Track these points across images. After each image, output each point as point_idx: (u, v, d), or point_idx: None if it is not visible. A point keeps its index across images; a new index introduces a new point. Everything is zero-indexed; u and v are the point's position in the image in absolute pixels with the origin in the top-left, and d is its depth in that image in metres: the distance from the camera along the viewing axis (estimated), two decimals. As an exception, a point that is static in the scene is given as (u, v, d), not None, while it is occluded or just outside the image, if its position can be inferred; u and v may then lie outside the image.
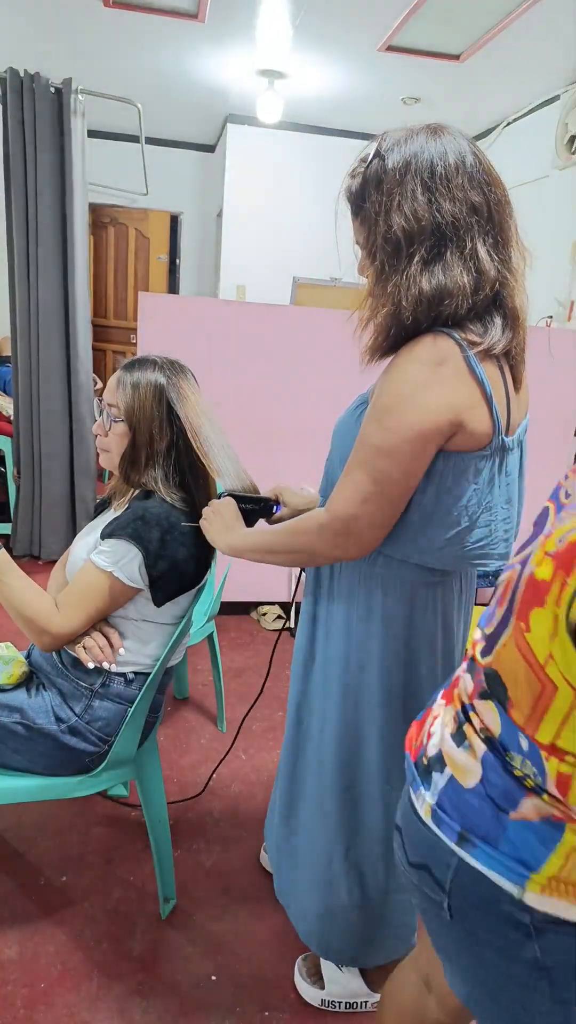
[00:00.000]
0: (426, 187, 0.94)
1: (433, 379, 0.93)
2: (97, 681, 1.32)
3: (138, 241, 5.45)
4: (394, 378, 0.95)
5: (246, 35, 3.26)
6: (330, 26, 3.08)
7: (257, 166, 4.64)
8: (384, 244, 0.96)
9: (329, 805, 1.24)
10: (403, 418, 0.93)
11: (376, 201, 0.97)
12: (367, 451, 0.96)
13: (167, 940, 1.47)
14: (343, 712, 1.19)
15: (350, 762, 1.21)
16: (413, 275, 0.94)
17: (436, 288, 0.93)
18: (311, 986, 1.37)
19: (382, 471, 0.95)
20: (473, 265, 0.94)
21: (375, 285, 0.99)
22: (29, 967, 1.38)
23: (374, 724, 1.17)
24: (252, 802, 1.92)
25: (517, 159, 3.93)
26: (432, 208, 0.93)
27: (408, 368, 0.94)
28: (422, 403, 0.93)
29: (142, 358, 1.31)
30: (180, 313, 2.68)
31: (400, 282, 0.95)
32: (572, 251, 3.33)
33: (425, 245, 0.94)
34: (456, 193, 0.94)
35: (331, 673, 1.20)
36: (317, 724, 1.25)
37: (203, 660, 2.53)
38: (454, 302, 0.93)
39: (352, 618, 1.14)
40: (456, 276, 0.93)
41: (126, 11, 3.06)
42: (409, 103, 3.98)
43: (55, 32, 3.39)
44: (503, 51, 3.13)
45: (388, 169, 0.96)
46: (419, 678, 1.15)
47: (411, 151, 0.95)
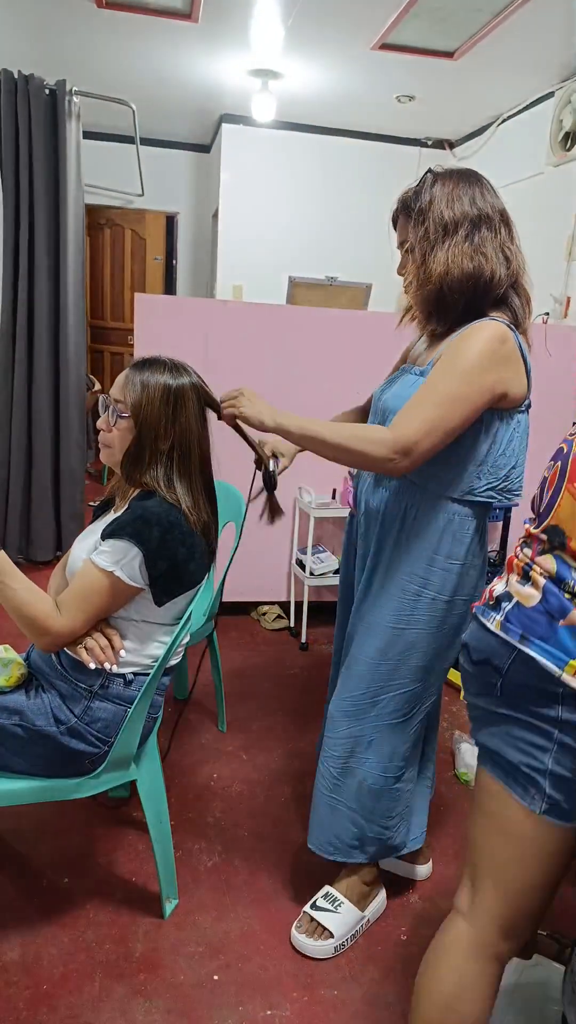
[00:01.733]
0: (468, 190, 1.25)
1: (496, 353, 1.21)
2: (96, 682, 1.32)
3: (134, 242, 5.45)
4: (467, 346, 1.21)
5: (239, 35, 3.25)
6: (323, 25, 3.07)
7: (252, 165, 4.63)
8: (435, 228, 1.23)
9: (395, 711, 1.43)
10: (473, 377, 1.20)
11: (430, 197, 1.25)
12: (440, 395, 1.20)
13: (169, 940, 1.47)
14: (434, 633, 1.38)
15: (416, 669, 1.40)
16: (456, 254, 1.22)
17: (477, 266, 1.22)
18: (317, 942, 1.46)
19: (450, 412, 1.20)
20: (502, 252, 1.25)
21: (423, 264, 1.25)
22: (31, 969, 1.38)
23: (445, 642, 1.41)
24: (253, 802, 1.92)
25: (512, 156, 3.93)
26: (473, 204, 1.24)
27: (478, 341, 1.21)
28: (489, 369, 1.21)
29: (152, 358, 1.32)
30: (176, 313, 2.68)
31: (446, 259, 1.22)
32: (567, 248, 3.34)
33: (465, 230, 1.23)
34: (488, 198, 1.26)
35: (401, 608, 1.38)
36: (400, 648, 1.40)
37: (203, 660, 2.52)
38: (489, 282, 1.23)
39: (430, 558, 1.35)
40: (491, 258, 1.23)
41: (119, 12, 3.06)
42: (404, 101, 3.98)
43: (49, 33, 3.39)
44: (496, 49, 3.12)
45: (440, 175, 1.27)
46: (477, 588, 1.39)
47: (456, 168, 1.28)
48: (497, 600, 0.99)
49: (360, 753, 1.46)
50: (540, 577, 0.93)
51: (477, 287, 1.23)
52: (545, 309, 3.40)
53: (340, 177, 4.69)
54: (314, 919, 1.49)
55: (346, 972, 1.44)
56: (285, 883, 1.65)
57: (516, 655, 0.92)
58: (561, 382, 3.01)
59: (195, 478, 1.33)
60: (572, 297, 3.30)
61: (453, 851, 1.80)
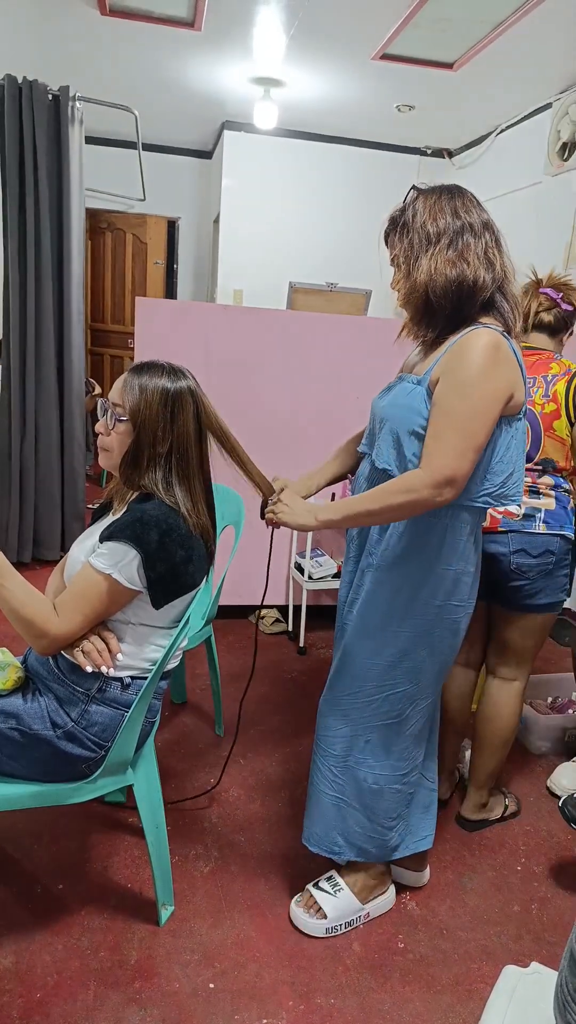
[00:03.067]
0: (451, 203, 1.28)
1: (497, 359, 1.23)
2: (94, 686, 1.31)
3: (135, 246, 5.46)
4: (468, 360, 1.23)
5: (242, 43, 3.28)
6: (325, 35, 3.10)
7: (253, 172, 4.66)
8: (419, 239, 1.27)
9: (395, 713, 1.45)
10: (484, 388, 1.22)
11: (414, 211, 1.29)
12: (459, 418, 1.22)
13: (165, 948, 1.46)
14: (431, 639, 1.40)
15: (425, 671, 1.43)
16: (439, 262, 1.25)
17: (459, 272, 1.25)
18: (311, 919, 1.51)
19: (473, 431, 1.22)
20: (485, 258, 1.27)
21: (408, 275, 1.30)
22: (25, 977, 1.37)
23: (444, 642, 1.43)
24: (250, 807, 1.91)
25: (510, 166, 3.95)
26: (455, 216, 1.27)
27: (477, 353, 1.23)
28: (495, 377, 1.23)
29: (150, 362, 1.32)
30: (176, 317, 2.69)
31: (430, 267, 1.26)
32: (565, 255, 3.35)
33: (448, 238, 1.26)
34: (472, 209, 1.29)
35: (400, 609, 1.39)
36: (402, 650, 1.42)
37: (201, 664, 2.52)
38: (472, 287, 1.25)
39: (423, 561, 1.36)
40: (473, 263, 1.25)
41: (123, 19, 3.08)
42: (404, 110, 4.00)
43: (53, 40, 3.40)
44: (495, 60, 3.15)
45: (424, 191, 1.31)
46: (466, 596, 1.41)
47: (440, 184, 1.32)
48: (525, 516, 1.65)
49: (357, 752, 1.47)
50: (547, 490, 1.68)
51: (462, 292, 1.26)
52: (544, 317, 3.41)
53: (340, 184, 4.71)
54: (313, 896, 1.54)
55: (342, 980, 1.43)
56: (282, 890, 1.64)
57: (561, 538, 1.67)
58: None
59: (194, 481, 1.33)
60: (571, 305, 3.31)
61: (451, 856, 1.79)
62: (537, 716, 2.26)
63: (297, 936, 1.52)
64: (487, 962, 1.49)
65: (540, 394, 1.69)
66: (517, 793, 2.07)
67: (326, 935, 1.52)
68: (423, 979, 1.45)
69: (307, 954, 1.48)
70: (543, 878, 1.75)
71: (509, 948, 1.53)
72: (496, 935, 1.57)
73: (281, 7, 2.87)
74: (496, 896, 1.68)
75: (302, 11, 2.88)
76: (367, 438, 1.48)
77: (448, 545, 1.35)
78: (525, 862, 1.80)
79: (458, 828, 1.90)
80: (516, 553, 1.65)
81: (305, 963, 1.46)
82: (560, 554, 1.67)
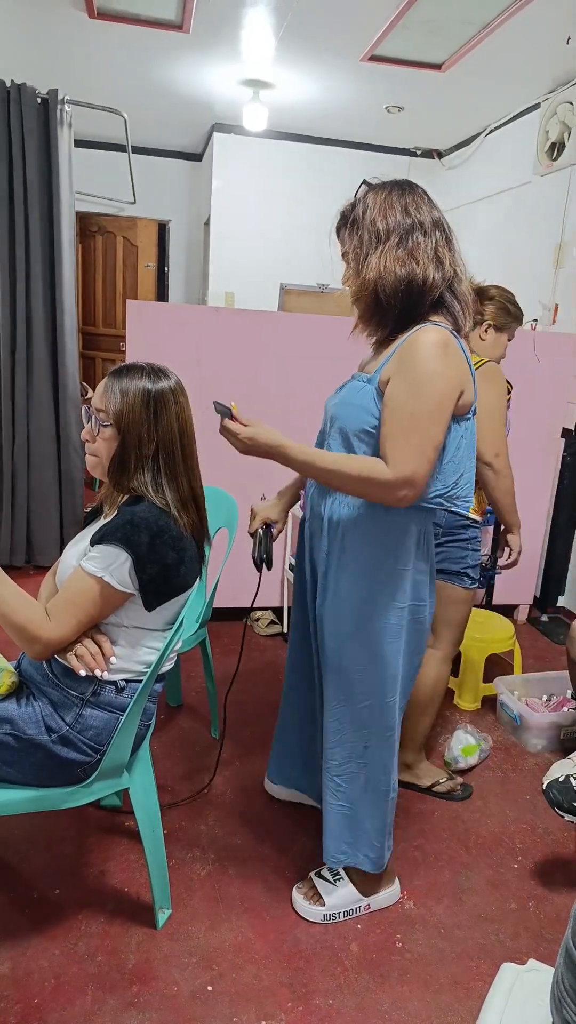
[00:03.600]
0: (401, 200, 1.27)
1: (447, 357, 1.23)
2: (88, 690, 1.31)
3: (126, 249, 5.45)
4: (419, 360, 1.22)
5: (231, 46, 3.28)
6: (314, 37, 3.10)
7: (244, 174, 4.66)
8: (369, 237, 1.26)
9: (375, 718, 1.46)
10: (437, 386, 1.22)
11: (364, 207, 1.28)
12: (415, 418, 1.21)
13: (162, 951, 1.46)
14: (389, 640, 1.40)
15: (385, 680, 1.43)
16: (388, 260, 1.25)
17: (409, 271, 1.25)
18: (312, 905, 1.55)
19: (429, 431, 1.21)
20: (435, 256, 1.26)
21: (358, 272, 1.29)
22: (22, 983, 1.37)
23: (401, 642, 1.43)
24: (247, 809, 1.91)
25: (500, 166, 3.97)
26: (406, 213, 1.26)
27: (427, 351, 1.22)
28: (446, 375, 1.22)
29: (129, 365, 1.32)
30: (167, 320, 2.69)
31: (379, 265, 1.25)
32: (555, 255, 3.37)
33: (397, 236, 1.25)
34: (423, 207, 1.28)
35: (347, 613, 1.39)
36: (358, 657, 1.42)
37: (197, 667, 2.51)
38: (422, 286, 1.25)
39: (373, 561, 1.36)
40: (422, 262, 1.25)
41: (111, 22, 3.07)
42: (393, 111, 4.01)
43: (41, 43, 3.40)
44: (484, 61, 3.16)
45: (374, 186, 1.30)
46: (426, 595, 1.44)
47: (391, 180, 1.31)
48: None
49: (358, 758, 1.49)
50: None
51: (411, 291, 1.26)
52: (534, 316, 3.42)
53: (330, 185, 4.71)
54: (314, 885, 1.58)
55: (340, 980, 1.43)
56: (280, 892, 1.64)
57: (449, 512, 1.62)
58: (551, 387, 3.03)
59: (182, 480, 1.33)
60: (560, 304, 3.33)
61: (448, 855, 1.80)
62: (532, 714, 2.27)
63: (295, 937, 1.52)
64: (485, 960, 1.50)
65: None
66: (514, 791, 2.07)
67: (323, 921, 1.54)
68: (421, 978, 1.45)
69: (305, 955, 1.48)
70: (540, 875, 1.75)
71: (507, 946, 1.53)
72: (494, 933, 1.57)
73: (269, 9, 2.87)
74: (493, 894, 1.69)
75: (290, 13, 2.88)
76: (318, 437, 1.49)
77: (403, 547, 1.35)
78: (522, 860, 1.80)
79: (454, 828, 1.90)
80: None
81: (303, 964, 1.46)
82: (445, 526, 1.83)
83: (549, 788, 1.70)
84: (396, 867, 1.75)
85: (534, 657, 2.96)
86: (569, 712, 2.32)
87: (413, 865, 1.76)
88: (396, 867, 1.75)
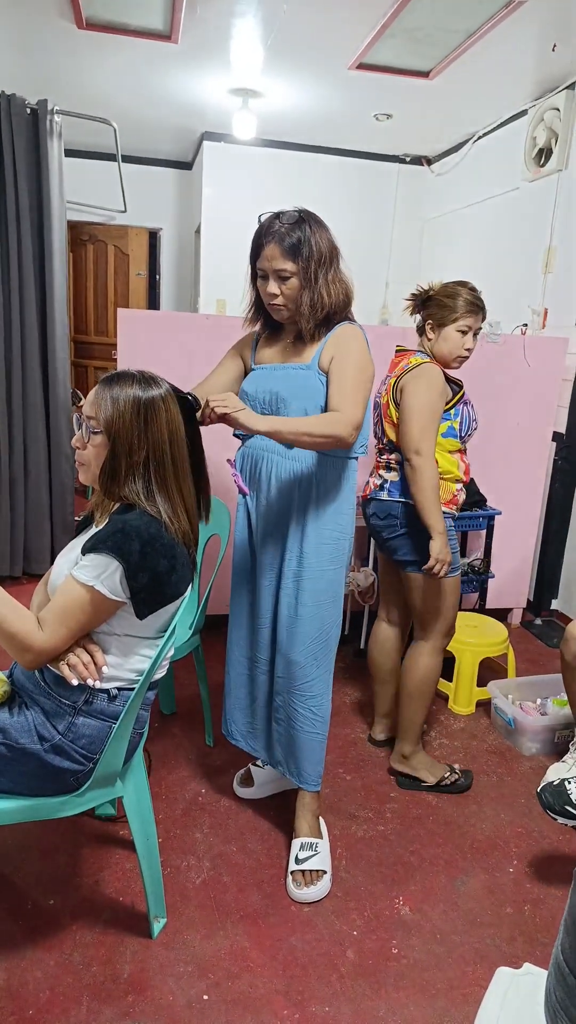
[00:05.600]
0: (325, 231, 1.64)
1: (366, 345, 1.66)
2: (80, 698, 1.31)
3: (117, 257, 5.46)
4: (355, 346, 1.63)
5: (219, 55, 3.30)
6: (302, 46, 3.12)
7: (233, 182, 4.68)
8: (317, 263, 1.59)
9: (324, 650, 1.73)
10: (368, 362, 1.65)
11: (306, 235, 1.59)
12: (358, 380, 1.60)
13: (157, 960, 1.45)
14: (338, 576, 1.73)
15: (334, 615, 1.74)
16: (338, 282, 1.64)
17: (347, 288, 1.66)
18: (315, 886, 1.64)
19: (367, 389, 1.62)
20: (348, 275, 1.67)
21: (314, 292, 1.61)
22: (17, 993, 1.36)
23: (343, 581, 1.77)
24: (241, 817, 1.90)
25: (488, 172, 4.00)
26: (329, 242, 1.63)
27: (360, 343, 1.64)
28: (369, 359, 1.66)
29: (120, 372, 1.32)
30: (158, 328, 2.69)
31: (336, 288, 1.63)
32: (544, 260, 3.39)
33: (336, 261, 1.64)
34: (331, 234, 1.65)
35: (324, 553, 1.68)
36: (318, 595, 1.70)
37: (190, 674, 2.51)
38: (351, 299, 1.68)
39: (336, 504, 1.69)
40: (349, 280, 1.67)
41: (100, 32, 3.09)
42: (381, 119, 4.04)
43: (30, 53, 3.41)
44: (471, 68, 3.19)
45: (307, 217, 1.63)
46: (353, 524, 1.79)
47: (308, 211, 1.66)
48: (379, 487, 2.05)
49: (323, 685, 1.73)
50: (396, 464, 2.01)
51: (348, 303, 1.67)
52: (523, 321, 3.45)
53: (320, 193, 4.74)
54: (305, 871, 1.67)
55: (336, 987, 1.43)
56: (275, 899, 1.64)
57: (403, 504, 1.99)
58: (541, 390, 3.05)
59: (172, 488, 1.33)
60: (549, 309, 3.35)
61: (443, 860, 1.80)
62: (526, 718, 2.27)
63: (291, 945, 1.52)
64: (481, 965, 1.50)
65: (384, 389, 2.05)
66: (508, 794, 2.08)
67: (330, 884, 1.67)
68: (417, 984, 1.45)
69: (301, 963, 1.48)
70: (535, 879, 1.76)
71: (503, 950, 1.53)
72: (490, 937, 1.57)
73: (257, 19, 2.89)
74: (489, 898, 1.69)
75: (278, 23, 2.91)
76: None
77: (349, 490, 1.71)
78: (517, 864, 1.80)
79: (449, 832, 1.91)
80: (372, 516, 2.08)
81: (299, 972, 1.45)
82: (402, 517, 2.00)
83: (542, 791, 1.70)
84: (392, 872, 1.75)
85: (528, 661, 2.97)
86: (558, 712, 2.32)
87: (409, 870, 1.76)
88: (392, 872, 1.75)
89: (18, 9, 2.92)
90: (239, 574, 1.81)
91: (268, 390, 1.66)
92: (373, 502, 2.07)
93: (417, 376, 1.93)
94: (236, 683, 1.87)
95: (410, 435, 1.89)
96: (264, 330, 1.77)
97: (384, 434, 2.04)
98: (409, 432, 1.89)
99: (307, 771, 1.75)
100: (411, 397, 1.91)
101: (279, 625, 1.72)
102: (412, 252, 4.93)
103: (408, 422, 1.90)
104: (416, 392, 1.91)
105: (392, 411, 1.99)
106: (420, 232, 4.90)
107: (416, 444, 1.88)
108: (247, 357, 1.79)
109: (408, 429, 1.90)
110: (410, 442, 1.89)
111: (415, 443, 1.88)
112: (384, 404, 2.02)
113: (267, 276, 1.61)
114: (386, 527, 2.02)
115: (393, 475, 2.02)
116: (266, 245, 1.60)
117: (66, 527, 3.47)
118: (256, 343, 1.78)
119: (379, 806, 1.99)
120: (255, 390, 1.69)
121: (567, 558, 3.33)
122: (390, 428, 2.01)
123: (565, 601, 3.37)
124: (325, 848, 1.73)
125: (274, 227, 1.59)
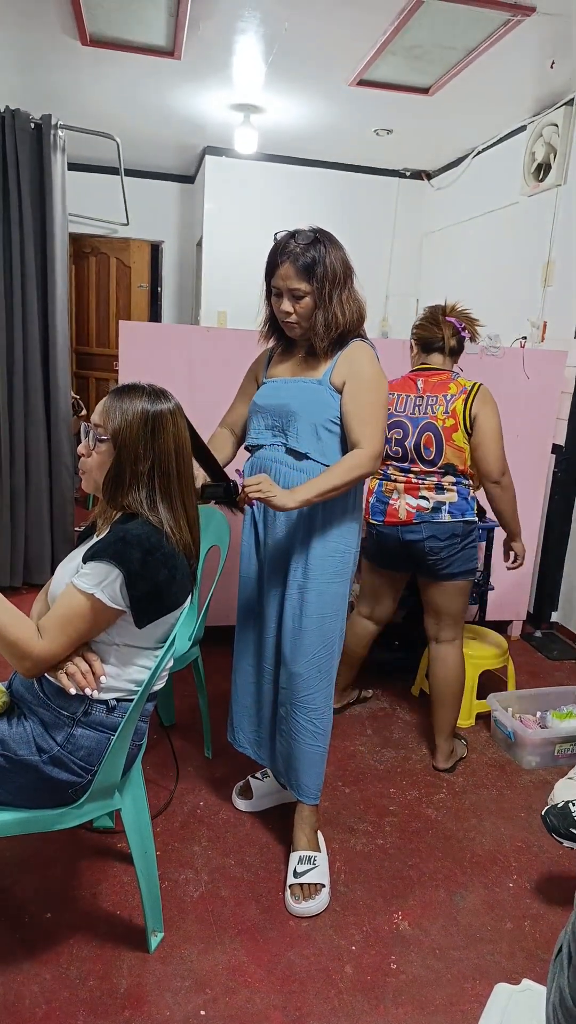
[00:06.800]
0: (339, 251, 1.63)
1: (379, 365, 1.67)
2: (79, 709, 1.31)
3: (120, 270, 5.50)
4: (368, 366, 1.64)
5: (222, 71, 3.34)
6: (303, 62, 3.16)
7: (235, 196, 4.72)
8: (331, 283, 1.60)
9: (329, 663, 1.73)
10: (383, 384, 1.66)
11: (321, 255, 1.59)
12: (375, 407, 1.62)
13: (155, 975, 1.44)
14: (343, 590, 1.73)
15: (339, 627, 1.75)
16: (353, 301, 1.64)
17: (360, 307, 1.67)
18: (315, 900, 1.64)
19: (384, 416, 1.65)
20: (361, 293, 1.67)
21: (328, 312, 1.62)
22: (12, 1008, 1.35)
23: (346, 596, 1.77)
24: (240, 830, 1.89)
25: (487, 187, 4.04)
26: (344, 262, 1.63)
27: (373, 362, 1.66)
28: (384, 377, 1.67)
29: (131, 385, 1.34)
30: (160, 340, 2.71)
31: (350, 307, 1.64)
32: (543, 274, 3.42)
33: (350, 281, 1.64)
34: (345, 254, 1.64)
35: (327, 567, 1.69)
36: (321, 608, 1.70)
37: (189, 686, 2.50)
38: (364, 317, 1.69)
39: (343, 517, 1.70)
40: (362, 300, 1.67)
41: (103, 49, 3.13)
42: (381, 134, 4.08)
43: (35, 70, 3.45)
44: (470, 85, 3.23)
45: (323, 238, 1.62)
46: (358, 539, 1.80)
47: (325, 231, 1.64)
48: (434, 509, 2.08)
49: (324, 698, 1.72)
50: (451, 486, 2.08)
51: (361, 321, 1.68)
52: (523, 334, 3.47)
53: (321, 207, 4.78)
54: (304, 884, 1.66)
55: (334, 1003, 1.41)
56: (273, 913, 1.63)
57: (464, 523, 2.09)
58: (540, 403, 3.06)
59: (176, 499, 1.34)
60: (548, 322, 3.37)
61: (443, 875, 1.79)
62: (526, 731, 2.26)
63: (289, 960, 1.51)
64: (480, 981, 1.48)
65: (441, 411, 2.07)
66: (508, 808, 2.07)
67: (328, 897, 1.66)
68: (416, 1000, 1.43)
69: (299, 978, 1.46)
70: (535, 894, 1.74)
71: (502, 966, 1.52)
72: (489, 953, 1.56)
73: (259, 36, 2.93)
74: (488, 914, 1.67)
75: (279, 40, 2.95)
76: (266, 430, 1.72)
77: (355, 501, 1.72)
78: (517, 879, 1.79)
79: (449, 846, 1.89)
80: (428, 539, 2.09)
81: (297, 987, 1.44)
82: (463, 535, 2.10)
83: (547, 814, 1.68)
84: (391, 887, 1.74)
85: (528, 673, 2.96)
86: (562, 728, 2.31)
87: (408, 884, 1.75)
88: (391, 887, 1.74)
89: (23, 26, 2.96)
90: (246, 583, 1.81)
91: (278, 403, 1.69)
92: (427, 524, 2.09)
93: (485, 401, 2.06)
94: (243, 691, 1.87)
95: (496, 457, 2.06)
96: (278, 345, 1.80)
97: (441, 456, 2.08)
98: (495, 455, 2.05)
99: (307, 784, 1.74)
100: (487, 421, 2.04)
101: (283, 637, 1.72)
102: (412, 265, 4.97)
103: (489, 446, 2.04)
104: (490, 416, 2.05)
105: (459, 438, 2.05)
106: (420, 246, 4.94)
107: (503, 466, 2.07)
108: (260, 377, 1.81)
109: (491, 453, 2.05)
110: (498, 464, 2.06)
111: (502, 464, 2.07)
112: (447, 428, 2.06)
113: (281, 294, 1.62)
114: (447, 546, 2.08)
115: (451, 495, 2.09)
116: (281, 264, 1.60)
117: (66, 538, 3.47)
118: (269, 359, 1.82)
119: (378, 819, 1.98)
120: (266, 402, 1.72)
121: (567, 570, 3.33)
122: (452, 452, 2.07)
123: (565, 613, 3.36)
124: (323, 862, 1.72)
125: (289, 246, 1.60)
